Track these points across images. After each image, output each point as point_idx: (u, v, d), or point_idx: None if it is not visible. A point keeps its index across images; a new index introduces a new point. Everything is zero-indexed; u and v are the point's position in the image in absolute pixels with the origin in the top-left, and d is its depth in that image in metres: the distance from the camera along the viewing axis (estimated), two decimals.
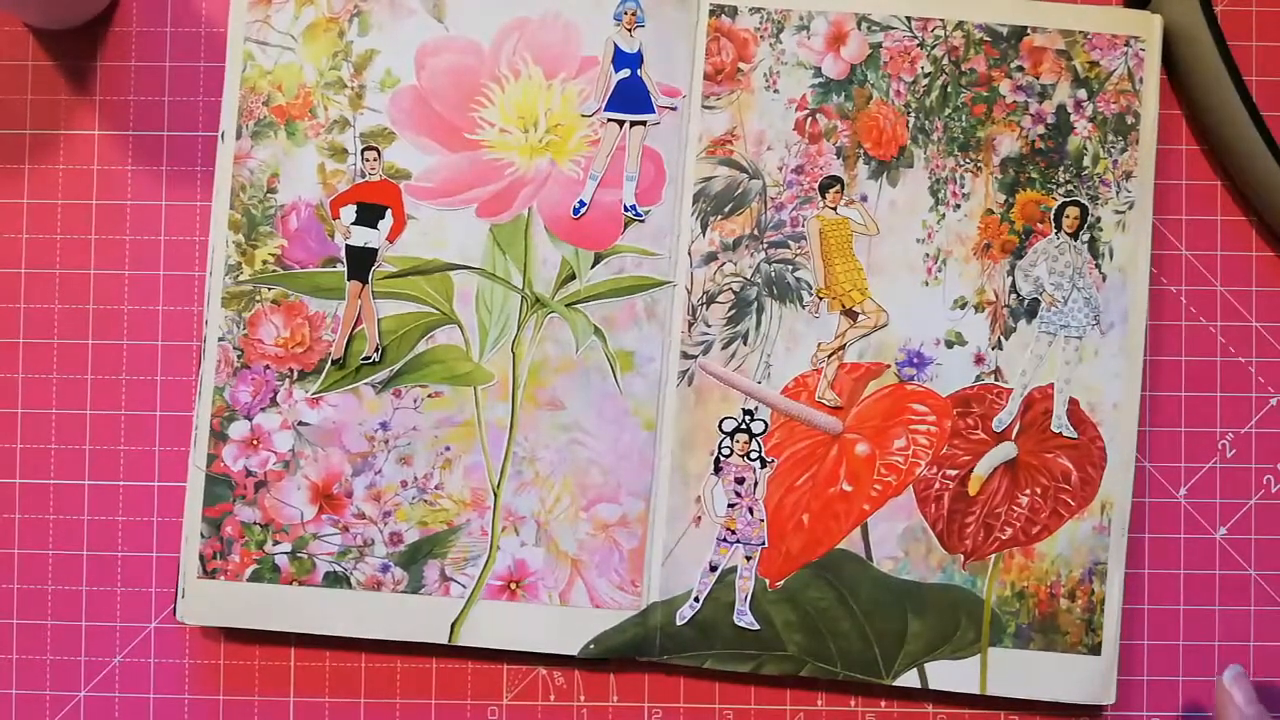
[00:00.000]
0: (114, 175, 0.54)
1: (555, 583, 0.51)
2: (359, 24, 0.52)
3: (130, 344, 0.53)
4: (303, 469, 0.51)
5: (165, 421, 0.53)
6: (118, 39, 0.54)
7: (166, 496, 0.53)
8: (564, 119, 0.52)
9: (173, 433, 0.53)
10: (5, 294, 0.54)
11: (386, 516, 0.51)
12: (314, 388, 0.51)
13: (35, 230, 0.54)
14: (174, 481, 0.53)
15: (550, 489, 0.51)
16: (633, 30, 0.52)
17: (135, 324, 0.54)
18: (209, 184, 0.52)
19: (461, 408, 0.51)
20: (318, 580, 0.51)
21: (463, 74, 0.52)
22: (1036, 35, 0.52)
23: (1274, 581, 0.54)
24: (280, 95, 0.51)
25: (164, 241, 0.54)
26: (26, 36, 0.54)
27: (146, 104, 0.54)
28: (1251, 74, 0.55)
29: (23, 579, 0.53)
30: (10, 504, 0.53)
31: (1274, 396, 0.54)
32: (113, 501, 0.53)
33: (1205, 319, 0.54)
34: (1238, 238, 0.55)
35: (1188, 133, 0.55)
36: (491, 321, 0.52)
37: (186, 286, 0.53)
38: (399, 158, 0.51)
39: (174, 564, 0.53)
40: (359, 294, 0.51)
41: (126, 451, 0.53)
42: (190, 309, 0.53)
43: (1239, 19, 0.55)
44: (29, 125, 0.54)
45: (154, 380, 0.53)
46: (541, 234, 0.52)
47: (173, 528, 0.53)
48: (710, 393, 0.52)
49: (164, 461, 0.53)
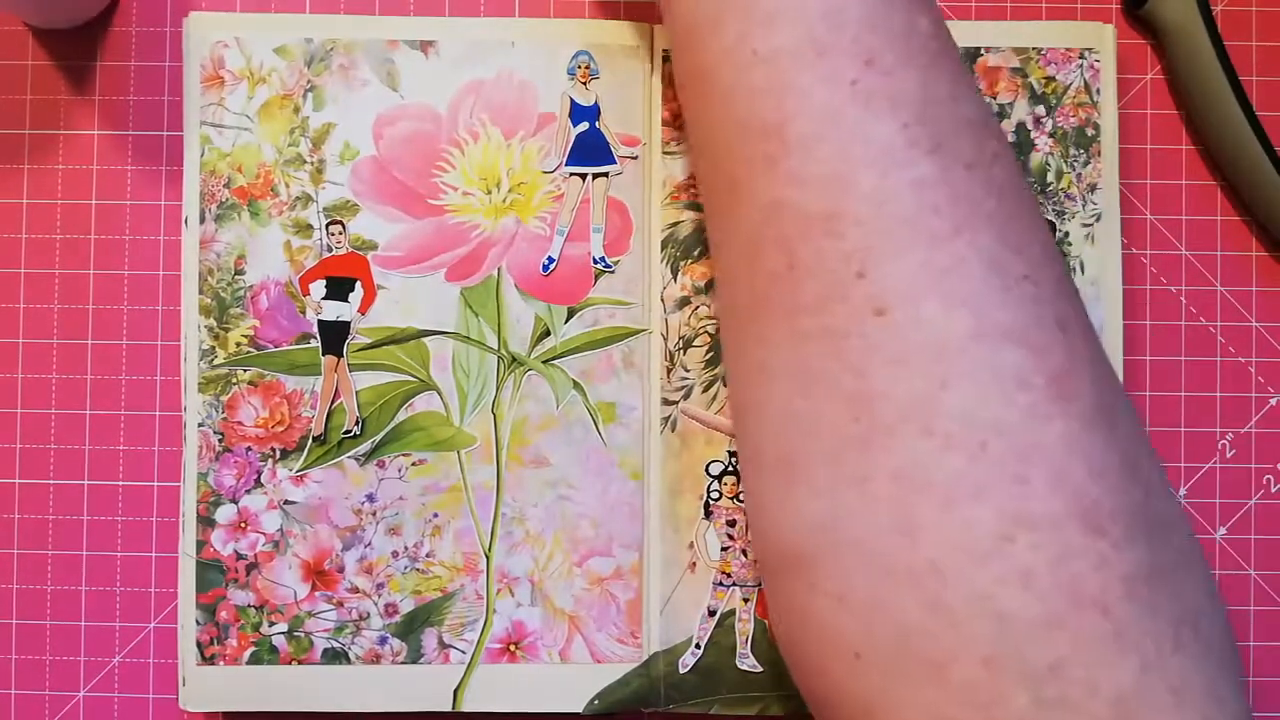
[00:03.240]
0: (114, 175, 0.54)
1: (554, 641, 0.51)
2: (314, 98, 0.52)
3: (130, 344, 0.53)
4: (292, 548, 0.51)
5: (165, 421, 0.53)
6: (118, 39, 0.54)
7: (166, 496, 0.53)
8: (526, 177, 0.52)
9: (172, 433, 0.53)
10: (5, 294, 0.54)
11: (380, 588, 0.51)
12: (297, 465, 0.51)
13: (35, 230, 0.54)
14: (174, 481, 0.53)
15: (542, 547, 0.51)
16: (588, 83, 0.52)
17: (135, 324, 0.54)
18: None
19: (446, 473, 0.51)
20: (317, 658, 0.51)
21: (421, 140, 0.52)
22: (990, 55, 0.52)
23: (1274, 581, 0.54)
24: (241, 176, 0.51)
25: (163, 241, 0.54)
26: (26, 36, 0.54)
27: (146, 104, 0.54)
28: (1251, 74, 0.55)
29: (22, 579, 0.53)
30: (10, 504, 0.53)
31: (1274, 396, 0.54)
32: (112, 501, 0.53)
33: (1205, 319, 0.54)
34: (1238, 238, 0.55)
35: (1187, 133, 0.55)
36: (469, 384, 0.51)
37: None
38: (364, 229, 0.51)
39: (174, 564, 0.53)
40: (335, 368, 0.51)
41: (126, 451, 0.53)
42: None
43: (1238, 19, 0.55)
44: (28, 125, 0.54)
45: (154, 380, 0.53)
46: (513, 293, 0.52)
47: (173, 528, 0.53)
48: (695, 437, 0.52)
49: (164, 461, 0.53)
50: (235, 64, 0.51)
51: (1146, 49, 0.55)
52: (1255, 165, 0.52)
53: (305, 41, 0.52)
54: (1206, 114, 0.53)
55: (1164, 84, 0.55)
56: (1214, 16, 0.53)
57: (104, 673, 0.53)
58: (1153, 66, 0.55)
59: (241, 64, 0.51)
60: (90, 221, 0.54)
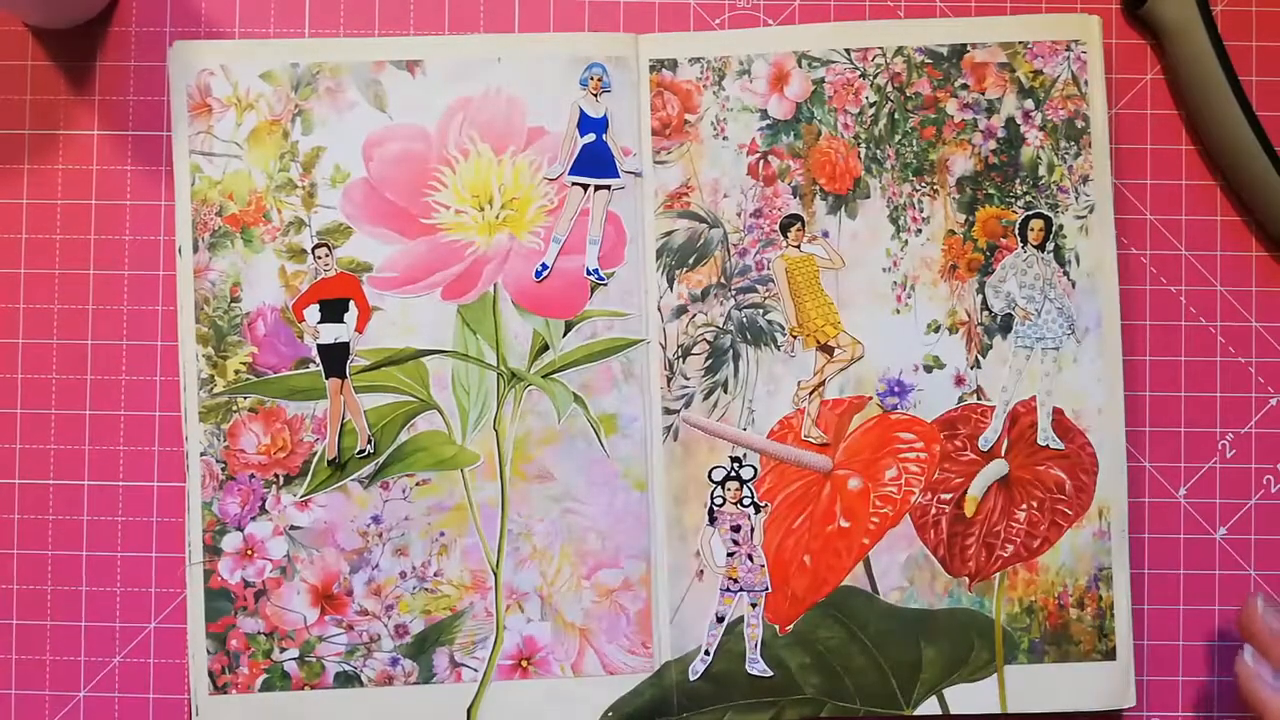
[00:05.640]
0: (114, 175, 0.54)
1: (566, 655, 0.51)
2: (302, 123, 0.51)
3: (130, 344, 0.53)
4: (300, 573, 0.51)
5: (165, 421, 0.53)
6: (118, 39, 0.54)
7: (166, 496, 0.53)
8: (518, 192, 0.52)
9: (172, 433, 0.53)
10: (5, 294, 0.54)
11: (389, 610, 0.51)
12: (301, 490, 0.51)
13: (35, 230, 0.54)
14: (173, 482, 0.53)
15: (550, 561, 0.51)
16: (599, 95, 0.52)
17: (135, 324, 0.53)
18: None
19: (451, 492, 0.51)
20: (329, 682, 0.51)
21: (412, 160, 0.51)
22: (977, 51, 0.52)
23: (1274, 581, 0.54)
24: (232, 204, 0.51)
25: (163, 242, 0.53)
26: (26, 36, 0.54)
27: (146, 104, 0.54)
28: (1251, 74, 0.54)
29: (22, 579, 0.53)
30: (10, 504, 0.53)
31: (1274, 396, 0.54)
32: (112, 501, 0.53)
33: (1205, 319, 0.54)
34: (1238, 238, 0.55)
35: (1186, 133, 0.55)
36: (470, 402, 0.51)
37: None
38: (358, 251, 0.51)
39: (174, 564, 0.53)
40: (340, 390, 0.51)
41: (126, 452, 0.53)
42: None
43: (1238, 19, 0.55)
44: (28, 125, 0.54)
45: (153, 380, 0.53)
46: (509, 309, 0.52)
47: (172, 528, 0.53)
48: (697, 445, 0.52)
49: (164, 461, 0.53)
50: (222, 91, 0.51)
51: (1146, 49, 0.55)
52: (1255, 165, 0.52)
53: (291, 66, 0.51)
54: (1206, 114, 0.53)
55: (1164, 84, 0.55)
56: (1214, 16, 0.53)
57: (104, 673, 0.53)
58: (1152, 66, 0.55)
59: (228, 91, 0.51)
60: (90, 221, 0.54)
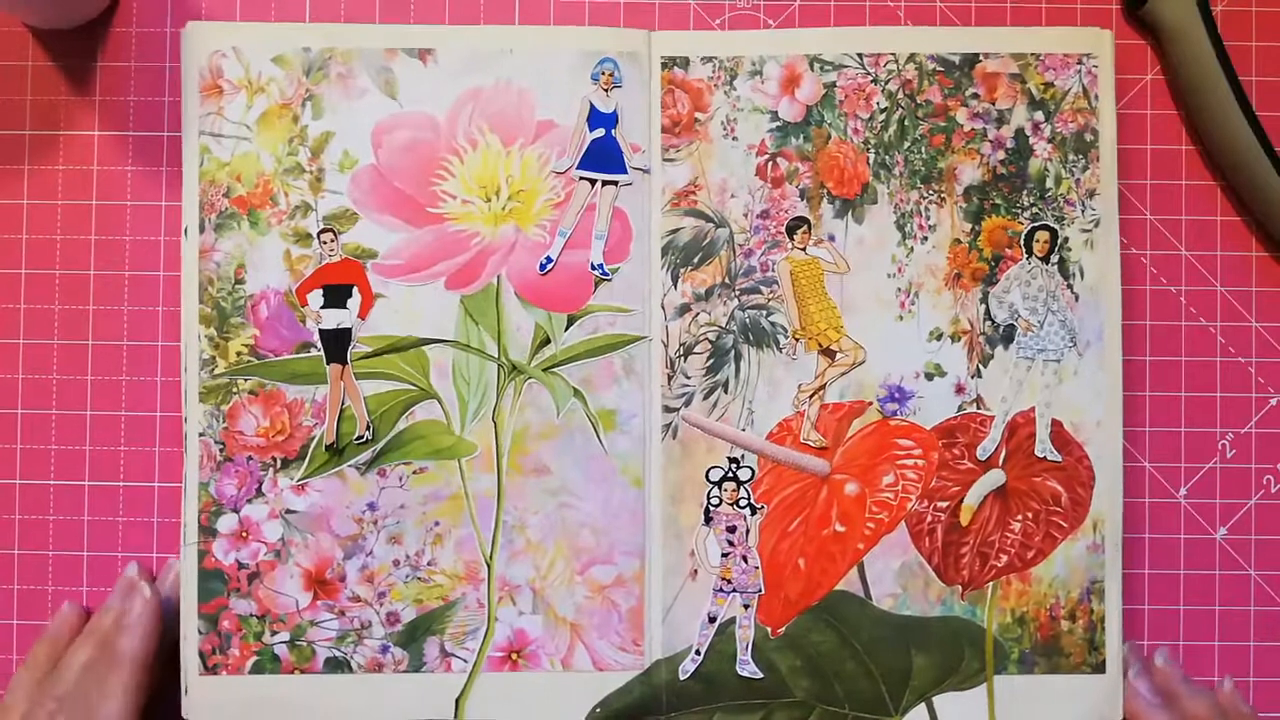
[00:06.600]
0: (114, 175, 0.54)
1: (556, 649, 0.51)
2: (312, 107, 0.51)
3: (130, 344, 0.53)
4: (294, 557, 0.51)
5: (165, 422, 0.53)
6: (118, 39, 0.54)
7: (166, 497, 0.53)
8: (525, 184, 0.52)
9: (173, 433, 0.53)
10: (5, 294, 0.54)
11: (382, 597, 0.51)
12: (298, 474, 0.51)
13: (35, 231, 0.54)
14: (174, 482, 0.53)
15: (543, 555, 0.51)
16: (609, 90, 0.52)
17: (135, 324, 0.54)
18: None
19: (447, 482, 0.51)
20: (319, 667, 0.51)
21: (420, 149, 0.51)
22: (989, 61, 0.52)
23: (1274, 581, 0.54)
24: (240, 186, 0.51)
25: (164, 242, 0.54)
26: (26, 36, 0.54)
27: (146, 104, 0.54)
28: (1251, 74, 0.55)
29: (22, 579, 0.53)
30: (10, 504, 0.53)
31: (1274, 396, 0.54)
32: (112, 501, 0.53)
33: (1205, 319, 0.54)
34: (1238, 238, 0.55)
35: (1187, 133, 0.55)
36: (470, 393, 0.51)
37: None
38: (364, 238, 0.51)
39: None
40: (340, 376, 0.51)
41: (126, 452, 0.53)
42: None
43: (1238, 19, 0.55)
44: (29, 125, 0.54)
45: (154, 381, 0.53)
46: (512, 301, 0.52)
47: (172, 528, 0.53)
48: (695, 444, 0.52)
49: (163, 462, 0.53)
50: (234, 74, 0.51)
51: (1146, 49, 0.55)
52: (1255, 165, 0.52)
53: (303, 51, 0.51)
54: (1206, 114, 0.53)
55: (1164, 84, 0.55)
56: (1214, 16, 0.53)
57: None
58: (1152, 67, 0.55)
59: (240, 74, 0.51)
60: (90, 222, 0.54)
